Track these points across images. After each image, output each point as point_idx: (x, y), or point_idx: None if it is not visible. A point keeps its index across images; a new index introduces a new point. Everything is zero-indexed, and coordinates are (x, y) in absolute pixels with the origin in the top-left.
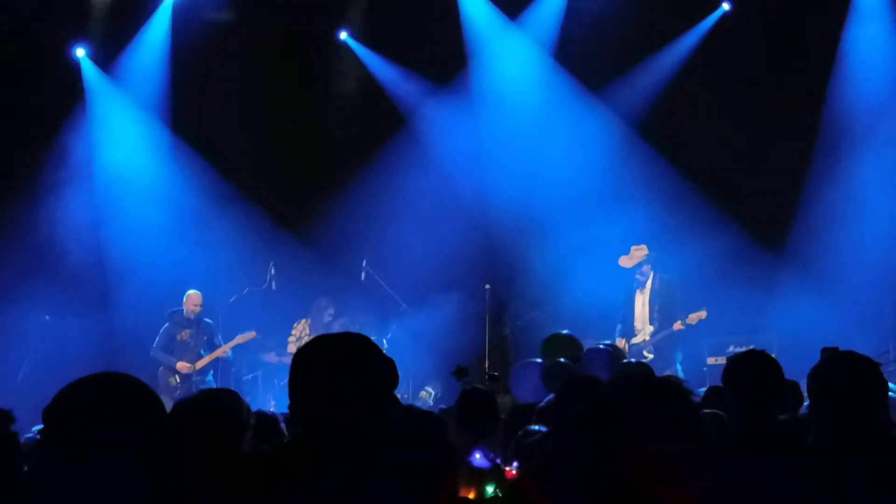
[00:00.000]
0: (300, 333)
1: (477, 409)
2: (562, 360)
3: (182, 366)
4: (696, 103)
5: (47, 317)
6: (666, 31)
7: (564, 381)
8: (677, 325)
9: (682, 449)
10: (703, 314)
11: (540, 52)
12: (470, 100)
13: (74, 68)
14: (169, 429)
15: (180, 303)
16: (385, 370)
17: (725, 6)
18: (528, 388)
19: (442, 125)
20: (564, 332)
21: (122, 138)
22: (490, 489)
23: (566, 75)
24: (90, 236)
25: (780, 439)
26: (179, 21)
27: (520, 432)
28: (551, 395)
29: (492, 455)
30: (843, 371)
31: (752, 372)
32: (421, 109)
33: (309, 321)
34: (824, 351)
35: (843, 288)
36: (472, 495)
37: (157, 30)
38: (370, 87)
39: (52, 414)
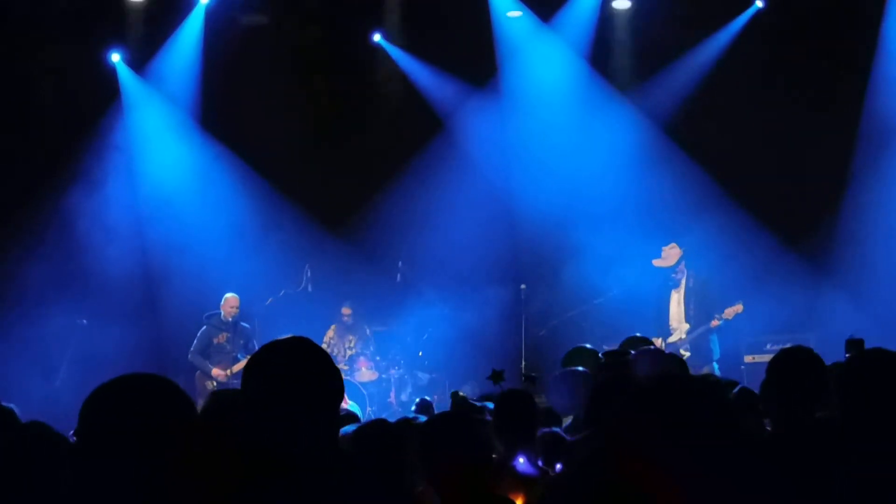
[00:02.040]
0: (328, 340)
1: (515, 412)
2: (579, 368)
3: (217, 372)
4: (730, 103)
5: (84, 320)
6: (699, 31)
7: (596, 384)
8: (714, 323)
9: (719, 449)
10: (739, 308)
11: (573, 53)
12: (504, 101)
13: (110, 73)
14: (197, 430)
15: (218, 306)
16: (323, 377)
17: (759, 3)
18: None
19: (477, 127)
20: (588, 346)
21: (159, 142)
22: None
23: (599, 77)
24: (128, 240)
25: (816, 438)
26: (213, 25)
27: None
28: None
29: (534, 459)
30: (876, 369)
31: (794, 368)
32: (456, 111)
33: (335, 327)
34: (849, 342)
35: (882, 289)
36: (520, 502)
37: (190, 33)
38: (405, 89)
39: (84, 415)
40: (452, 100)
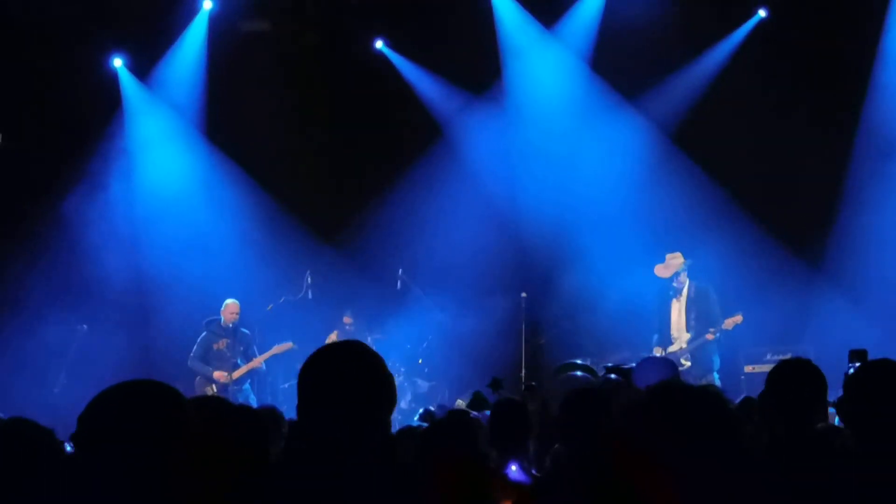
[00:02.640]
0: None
1: (509, 420)
2: (578, 373)
3: (219, 375)
4: (733, 111)
5: (84, 326)
6: (702, 39)
7: (569, 393)
8: (709, 336)
9: (720, 457)
10: (739, 318)
11: (575, 60)
12: (505, 109)
13: (112, 78)
14: (194, 435)
15: (218, 312)
16: (377, 381)
17: (762, 13)
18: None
19: (478, 134)
20: (579, 360)
21: (160, 148)
22: None
23: (601, 83)
24: (128, 246)
25: (814, 448)
26: (215, 32)
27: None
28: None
29: (527, 466)
30: (880, 379)
31: (793, 380)
32: (456, 119)
33: (337, 334)
34: (852, 354)
35: (880, 297)
36: None
37: (194, 41)
38: (406, 96)
39: (83, 421)
40: (454, 107)
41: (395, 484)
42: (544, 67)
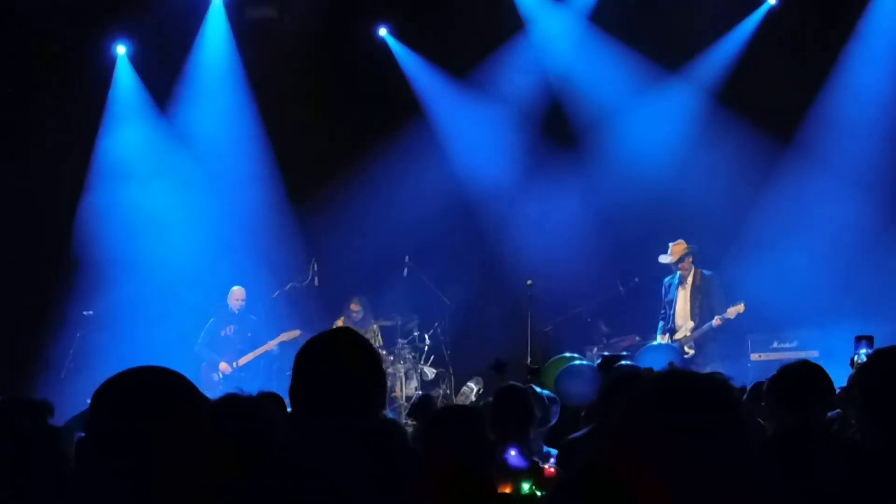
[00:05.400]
0: None
1: (511, 406)
2: (585, 362)
3: (224, 366)
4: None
5: (90, 311)
6: (708, 29)
7: (609, 379)
8: (717, 321)
9: (726, 449)
10: (741, 308)
11: (582, 33)
12: (515, 89)
13: (118, 67)
14: (206, 424)
15: (225, 299)
16: (368, 366)
17: (771, 0)
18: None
19: (486, 117)
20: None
21: (160, 138)
22: (526, 486)
23: (601, 64)
24: (133, 233)
25: (820, 441)
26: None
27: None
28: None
29: (528, 452)
30: (888, 370)
31: (800, 386)
32: (457, 102)
33: (344, 320)
34: (859, 339)
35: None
36: (508, 490)
37: (214, 33)
38: (408, 79)
39: (94, 407)
40: (455, 90)
41: (389, 480)
42: (549, 43)
